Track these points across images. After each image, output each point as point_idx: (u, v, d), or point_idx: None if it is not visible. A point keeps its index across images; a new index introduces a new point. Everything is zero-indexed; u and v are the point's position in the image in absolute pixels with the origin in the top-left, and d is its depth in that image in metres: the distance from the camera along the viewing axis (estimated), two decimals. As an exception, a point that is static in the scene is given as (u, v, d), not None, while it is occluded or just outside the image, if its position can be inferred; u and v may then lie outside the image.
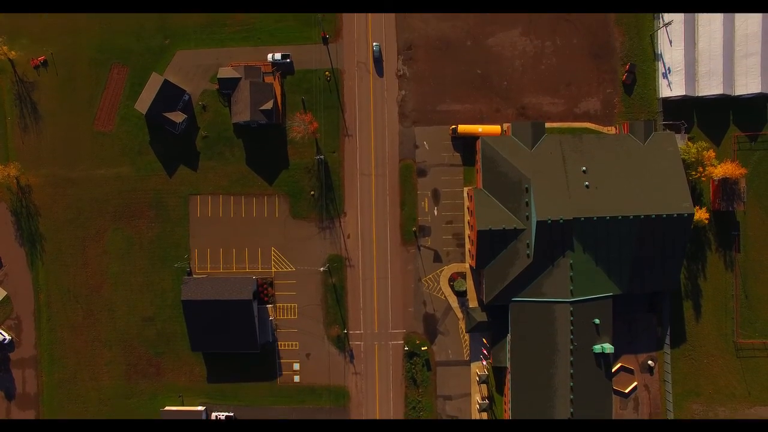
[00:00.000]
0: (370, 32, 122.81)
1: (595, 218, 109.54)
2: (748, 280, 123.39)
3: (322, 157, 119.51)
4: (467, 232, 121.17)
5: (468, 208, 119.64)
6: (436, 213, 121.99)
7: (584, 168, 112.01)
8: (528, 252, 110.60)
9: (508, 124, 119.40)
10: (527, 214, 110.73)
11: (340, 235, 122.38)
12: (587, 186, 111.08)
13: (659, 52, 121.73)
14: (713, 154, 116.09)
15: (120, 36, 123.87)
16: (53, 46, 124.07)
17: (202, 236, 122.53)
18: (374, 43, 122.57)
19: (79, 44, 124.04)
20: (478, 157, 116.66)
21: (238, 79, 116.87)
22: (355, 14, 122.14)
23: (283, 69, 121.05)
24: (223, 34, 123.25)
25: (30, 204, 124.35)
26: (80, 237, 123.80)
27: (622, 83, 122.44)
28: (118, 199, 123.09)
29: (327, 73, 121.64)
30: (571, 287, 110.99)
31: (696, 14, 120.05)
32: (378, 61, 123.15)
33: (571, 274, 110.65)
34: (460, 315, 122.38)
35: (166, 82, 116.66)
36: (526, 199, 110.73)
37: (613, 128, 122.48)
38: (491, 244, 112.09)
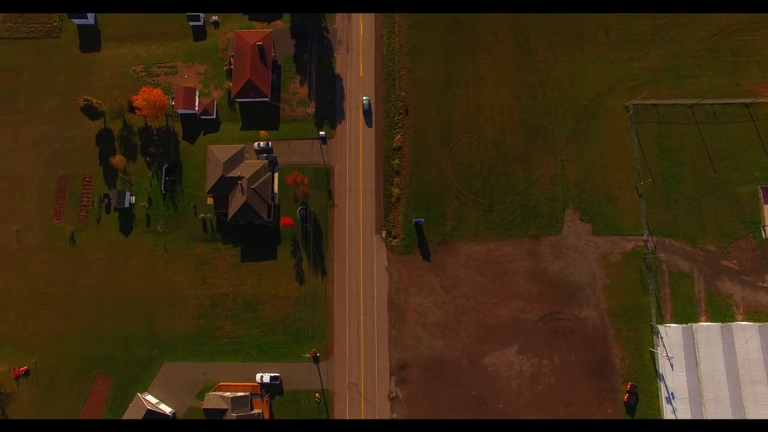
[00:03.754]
0: (362, 351, 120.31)
1: None
2: None
3: None
4: None
5: None
6: None
7: None
8: None
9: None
10: None
11: None
12: None
13: (661, 372, 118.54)
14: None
15: (107, 343, 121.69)
16: (38, 353, 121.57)
17: None
18: (364, 97, 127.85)
19: (65, 352, 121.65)
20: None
21: (224, 410, 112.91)
22: (347, 332, 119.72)
23: (272, 390, 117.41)
24: (211, 346, 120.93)
25: None
26: None
27: (624, 403, 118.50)
28: None
29: (317, 395, 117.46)
30: None
31: (695, 337, 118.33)
32: (367, 113, 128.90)
33: None
34: None
35: (148, 411, 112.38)
36: None
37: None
38: None
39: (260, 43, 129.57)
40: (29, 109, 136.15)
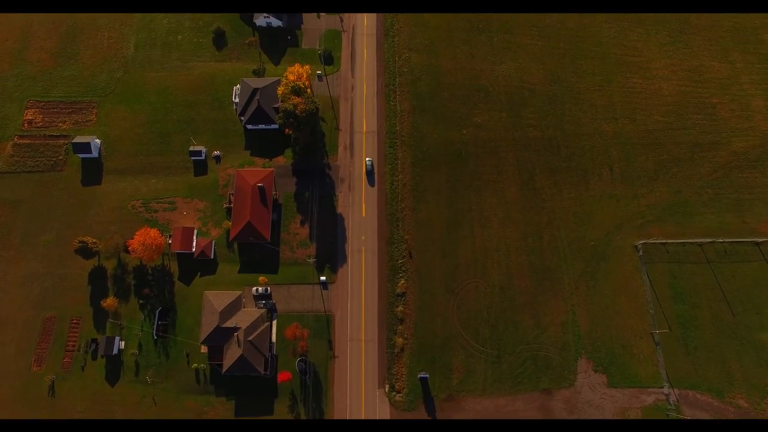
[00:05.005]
0: None
1: None
2: None
3: None
4: None
5: None
6: None
7: None
8: None
9: None
10: None
11: None
12: None
13: None
14: None
15: None
16: None
17: None
18: (367, 159, 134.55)
19: None
20: None
21: None
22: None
23: None
24: None
25: None
26: None
27: None
28: None
29: None
30: None
31: None
32: (370, 173, 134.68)
33: None
34: None
35: None
36: None
37: None
38: None
39: (261, 185, 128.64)
40: (23, 245, 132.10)
